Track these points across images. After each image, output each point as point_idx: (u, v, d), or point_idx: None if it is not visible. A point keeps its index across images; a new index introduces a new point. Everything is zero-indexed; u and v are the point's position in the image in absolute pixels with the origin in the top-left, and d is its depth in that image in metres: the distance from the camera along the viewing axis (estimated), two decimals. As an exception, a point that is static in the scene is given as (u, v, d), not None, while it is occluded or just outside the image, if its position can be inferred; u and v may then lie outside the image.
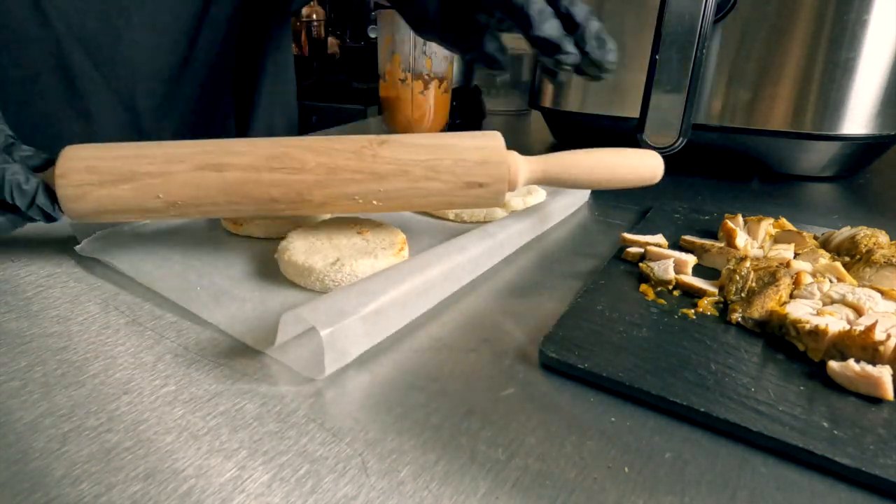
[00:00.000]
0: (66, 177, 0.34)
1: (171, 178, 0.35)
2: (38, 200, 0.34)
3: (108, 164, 0.35)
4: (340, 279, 0.34)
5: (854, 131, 0.54)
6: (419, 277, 0.32)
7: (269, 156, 0.35)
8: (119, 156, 0.35)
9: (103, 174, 0.34)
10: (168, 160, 0.35)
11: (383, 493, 0.21)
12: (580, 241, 0.45)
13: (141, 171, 0.34)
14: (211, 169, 0.35)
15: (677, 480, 0.22)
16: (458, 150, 0.36)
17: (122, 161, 0.35)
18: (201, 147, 0.36)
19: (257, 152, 0.35)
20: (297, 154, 0.35)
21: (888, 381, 0.25)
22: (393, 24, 0.71)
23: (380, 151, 0.36)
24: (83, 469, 0.22)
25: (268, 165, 0.35)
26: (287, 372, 0.28)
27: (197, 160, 0.35)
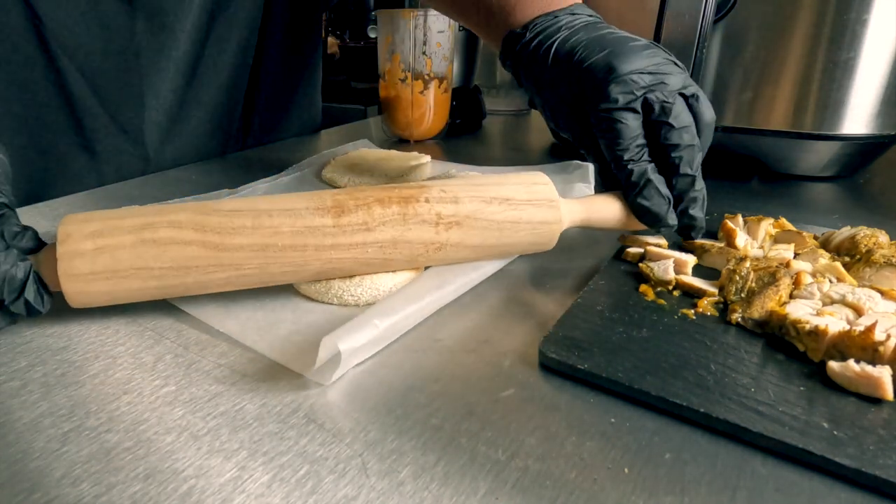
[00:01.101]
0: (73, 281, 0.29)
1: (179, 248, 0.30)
2: (27, 293, 0.29)
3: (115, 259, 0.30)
4: (360, 293, 0.34)
5: (854, 131, 0.54)
6: (434, 296, 0.33)
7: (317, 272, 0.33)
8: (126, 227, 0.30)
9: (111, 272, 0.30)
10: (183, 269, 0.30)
11: (383, 493, 0.21)
12: (580, 241, 0.45)
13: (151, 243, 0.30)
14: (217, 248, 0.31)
15: (677, 481, 0.22)
16: (521, 232, 0.36)
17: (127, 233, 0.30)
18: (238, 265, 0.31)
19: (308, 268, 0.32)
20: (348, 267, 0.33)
21: (888, 381, 0.25)
22: (393, 24, 0.71)
23: (450, 238, 0.34)
24: (83, 469, 0.22)
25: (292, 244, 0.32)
26: (287, 373, 0.28)
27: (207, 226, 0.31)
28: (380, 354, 0.30)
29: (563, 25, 0.41)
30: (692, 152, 0.37)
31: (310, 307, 0.34)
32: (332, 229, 0.32)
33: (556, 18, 0.42)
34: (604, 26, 0.41)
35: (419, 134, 0.77)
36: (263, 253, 0.31)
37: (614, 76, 0.37)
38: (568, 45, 0.40)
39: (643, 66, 0.37)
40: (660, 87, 0.37)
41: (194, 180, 0.60)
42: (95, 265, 0.29)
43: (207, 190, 0.54)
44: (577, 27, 0.41)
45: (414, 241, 0.33)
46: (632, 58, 0.37)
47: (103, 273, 0.30)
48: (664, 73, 0.37)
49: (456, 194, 0.35)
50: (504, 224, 0.35)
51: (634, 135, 0.37)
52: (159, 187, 0.58)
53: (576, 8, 0.42)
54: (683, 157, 0.37)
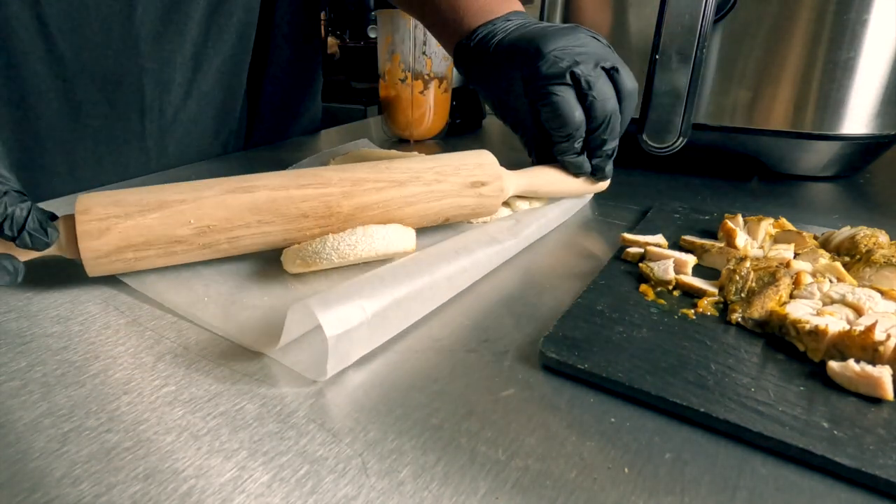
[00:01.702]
0: (89, 211, 0.33)
1: (202, 202, 0.35)
2: (30, 226, 0.32)
3: (135, 197, 0.34)
4: (355, 241, 0.35)
5: (854, 131, 0.54)
6: (425, 279, 0.33)
7: (296, 175, 0.38)
8: (143, 191, 0.35)
9: (129, 206, 0.34)
10: (196, 189, 0.35)
11: (383, 493, 0.21)
12: (580, 241, 0.45)
13: (170, 199, 0.34)
14: (241, 191, 0.36)
15: (677, 481, 0.22)
16: (457, 158, 0.42)
17: (148, 193, 0.35)
18: (227, 180, 0.37)
19: (281, 175, 0.38)
20: (321, 172, 0.38)
21: (888, 381, 0.25)
22: (393, 24, 0.71)
23: (393, 165, 0.40)
24: (83, 469, 0.22)
25: (296, 183, 0.37)
26: (287, 372, 0.28)
27: (226, 185, 0.36)
28: (379, 354, 0.30)
29: (498, 30, 0.49)
30: (607, 119, 0.44)
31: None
32: None
33: (493, 25, 0.49)
34: (532, 23, 0.48)
35: (419, 134, 0.77)
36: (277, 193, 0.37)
37: (541, 55, 0.43)
38: (504, 41, 0.47)
39: (565, 45, 0.43)
40: (583, 59, 0.43)
41: (194, 180, 0.60)
42: (113, 205, 0.33)
43: (207, 190, 0.53)
44: (510, 29, 0.48)
45: (362, 167, 0.39)
46: (555, 39, 0.44)
47: (121, 207, 0.33)
48: (585, 47, 0.44)
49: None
50: (442, 158, 0.41)
51: (572, 106, 0.44)
52: (159, 187, 0.58)
53: (511, 15, 0.50)
54: (600, 123, 0.44)
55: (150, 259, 0.35)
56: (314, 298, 0.28)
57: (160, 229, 0.34)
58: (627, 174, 0.61)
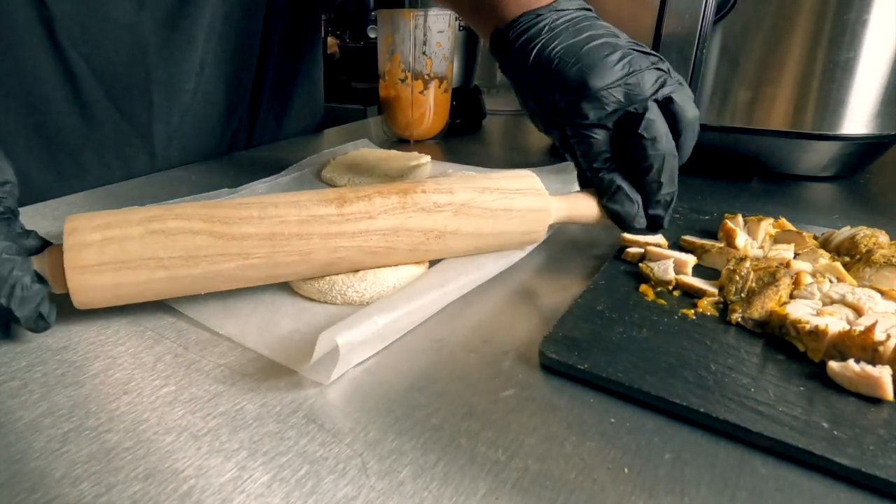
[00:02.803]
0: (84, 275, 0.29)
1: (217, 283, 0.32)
2: (43, 308, 0.29)
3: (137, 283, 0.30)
4: (364, 289, 0.34)
5: (854, 131, 0.54)
6: (437, 292, 0.33)
7: (327, 263, 0.33)
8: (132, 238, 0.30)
9: (129, 294, 0.31)
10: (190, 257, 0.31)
11: (383, 493, 0.21)
12: (580, 241, 0.45)
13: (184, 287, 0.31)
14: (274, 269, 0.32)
15: (677, 481, 0.22)
16: (514, 220, 0.37)
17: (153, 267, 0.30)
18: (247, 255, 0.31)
19: (310, 258, 0.33)
20: (357, 259, 0.34)
21: (888, 381, 0.25)
22: (393, 24, 0.71)
23: (448, 226, 0.35)
24: (83, 469, 0.22)
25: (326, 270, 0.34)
26: (287, 373, 0.28)
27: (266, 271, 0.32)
28: (380, 354, 0.30)
29: (545, 26, 0.41)
30: (661, 161, 0.38)
31: (311, 307, 0.34)
32: (336, 217, 0.33)
33: (538, 17, 0.41)
34: (587, 26, 0.40)
35: (419, 134, 0.77)
36: (270, 241, 0.31)
37: (586, 93, 0.38)
38: (546, 52, 0.40)
39: (614, 80, 0.37)
40: (632, 98, 0.37)
41: (194, 180, 0.60)
42: (104, 255, 0.29)
43: (207, 190, 0.54)
44: (558, 29, 0.40)
45: (414, 229, 0.34)
46: (604, 73, 0.37)
47: (111, 263, 0.29)
48: (636, 83, 0.37)
49: (451, 186, 0.36)
50: (497, 212, 0.36)
51: (603, 148, 0.39)
52: (159, 187, 0.58)
53: (561, 3, 0.41)
54: (654, 165, 0.38)
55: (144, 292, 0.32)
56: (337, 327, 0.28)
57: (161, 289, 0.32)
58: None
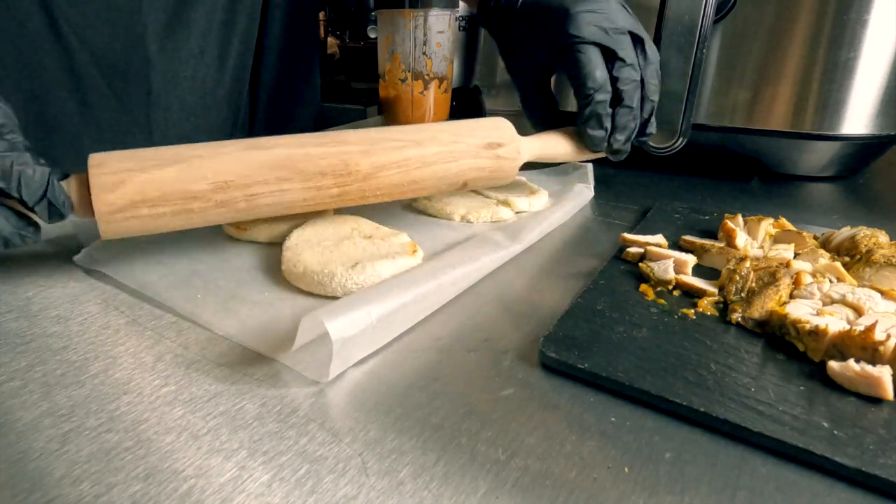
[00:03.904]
0: (104, 165, 0.32)
1: (220, 157, 0.35)
2: (50, 194, 0.31)
3: (151, 153, 0.33)
4: (363, 281, 0.34)
5: (854, 131, 0.54)
6: (431, 285, 0.33)
7: (314, 135, 0.38)
8: (159, 148, 0.34)
9: (145, 160, 0.33)
10: (214, 146, 0.35)
11: (383, 493, 0.21)
12: (580, 241, 0.45)
13: (187, 154, 0.34)
14: (259, 148, 0.36)
15: (677, 480, 0.22)
16: (473, 122, 0.42)
17: (164, 150, 0.34)
18: (244, 140, 0.37)
19: (301, 136, 0.38)
20: (340, 133, 0.38)
21: (888, 381, 0.25)
22: (393, 24, 0.70)
23: (408, 127, 0.40)
24: (83, 469, 0.22)
25: (314, 141, 0.37)
26: (287, 372, 0.28)
27: (244, 143, 0.36)
28: (379, 354, 0.30)
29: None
30: (636, 87, 0.44)
31: (311, 306, 0.34)
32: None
33: None
34: None
35: (419, 134, 0.77)
36: None
37: (570, 14, 0.43)
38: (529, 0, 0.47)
39: (594, 7, 0.43)
40: (610, 24, 0.43)
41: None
42: (128, 159, 0.33)
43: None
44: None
45: (379, 128, 0.39)
46: (584, 1, 0.44)
47: (136, 161, 0.33)
48: (613, 12, 0.44)
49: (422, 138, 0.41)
50: (458, 122, 0.42)
51: (595, 63, 0.43)
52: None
53: None
54: (628, 90, 0.44)
55: (165, 218, 0.34)
56: (324, 310, 0.28)
57: (177, 183, 0.33)
58: (627, 174, 0.61)
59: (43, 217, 0.32)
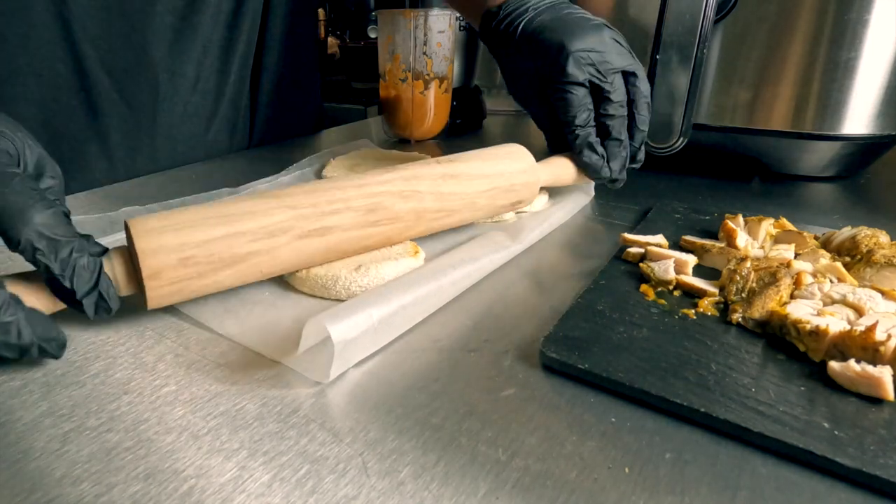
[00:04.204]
0: (160, 276, 0.29)
1: (277, 253, 0.32)
2: (102, 285, 0.28)
3: (205, 252, 0.30)
4: (367, 284, 0.35)
5: (855, 131, 0.54)
6: (432, 286, 0.33)
7: (367, 210, 0.36)
8: (211, 238, 0.30)
9: (201, 265, 0.30)
10: (270, 233, 0.32)
11: (384, 493, 0.21)
12: (581, 241, 0.45)
13: (243, 252, 0.31)
14: (315, 235, 0.34)
15: (678, 481, 0.22)
16: (509, 177, 0.43)
17: (218, 244, 0.30)
18: (295, 209, 0.33)
19: (352, 206, 0.35)
20: (389, 204, 0.37)
21: (889, 381, 0.25)
22: (393, 24, 0.70)
23: (453, 188, 0.40)
24: (84, 469, 0.22)
25: (366, 221, 0.36)
26: (288, 372, 0.28)
27: (299, 228, 0.33)
28: (380, 354, 0.30)
29: (530, 6, 0.49)
30: (623, 122, 0.46)
31: (311, 306, 0.34)
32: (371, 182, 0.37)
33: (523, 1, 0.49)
34: (565, 6, 0.48)
35: (419, 134, 0.77)
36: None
37: (565, 54, 0.44)
38: (532, 24, 0.48)
39: (591, 46, 0.44)
40: (603, 64, 0.44)
41: (194, 180, 0.60)
42: (182, 266, 0.30)
43: (208, 189, 0.54)
44: (542, 8, 0.48)
45: (426, 193, 0.38)
46: (582, 37, 0.45)
47: (193, 267, 0.30)
48: (608, 52, 0.45)
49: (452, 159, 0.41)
50: (496, 175, 0.42)
51: (582, 104, 0.45)
52: (159, 187, 0.58)
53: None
54: (615, 125, 0.46)
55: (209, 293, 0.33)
56: (327, 314, 0.28)
57: (232, 283, 0.32)
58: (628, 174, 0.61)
59: (88, 312, 0.28)
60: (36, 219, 0.27)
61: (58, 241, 0.27)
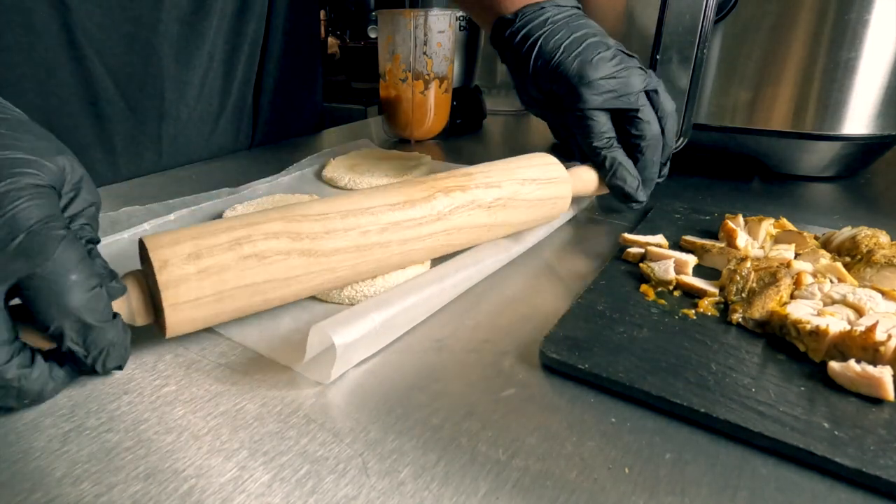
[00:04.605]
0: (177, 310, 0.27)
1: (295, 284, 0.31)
2: (122, 360, 0.27)
3: (229, 306, 0.29)
4: (374, 292, 0.35)
5: (855, 131, 0.54)
6: (434, 288, 0.33)
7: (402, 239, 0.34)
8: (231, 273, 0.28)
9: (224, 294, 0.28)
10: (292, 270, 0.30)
11: (384, 493, 0.21)
12: (581, 241, 0.45)
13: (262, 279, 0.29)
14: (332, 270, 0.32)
15: (678, 481, 0.22)
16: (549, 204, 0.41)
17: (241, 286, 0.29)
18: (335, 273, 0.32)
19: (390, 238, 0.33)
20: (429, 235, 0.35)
21: (889, 381, 0.25)
22: (393, 24, 0.70)
23: (499, 232, 0.39)
24: (84, 469, 0.22)
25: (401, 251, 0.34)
26: (288, 372, 0.28)
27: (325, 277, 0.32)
28: (380, 354, 0.30)
29: (547, 19, 0.47)
30: (658, 141, 0.45)
31: (311, 307, 0.34)
32: (409, 223, 0.34)
33: (542, 10, 0.47)
34: (583, 24, 0.47)
35: (420, 134, 0.77)
36: (355, 254, 0.32)
37: (585, 82, 0.44)
38: (549, 45, 0.46)
39: (609, 73, 0.44)
40: (625, 89, 0.44)
41: (195, 180, 0.60)
42: (202, 289, 0.27)
43: (208, 189, 0.54)
44: (559, 23, 0.47)
45: (477, 225, 0.37)
46: (600, 66, 0.44)
47: (211, 296, 0.28)
48: (627, 76, 0.44)
49: (498, 179, 0.39)
50: (534, 202, 0.40)
51: (604, 129, 0.44)
52: (160, 187, 0.58)
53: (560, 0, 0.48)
54: (650, 145, 0.45)
55: None
56: (331, 321, 0.28)
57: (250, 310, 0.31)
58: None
59: (98, 368, 0.26)
60: (72, 302, 0.23)
61: (92, 328, 0.24)
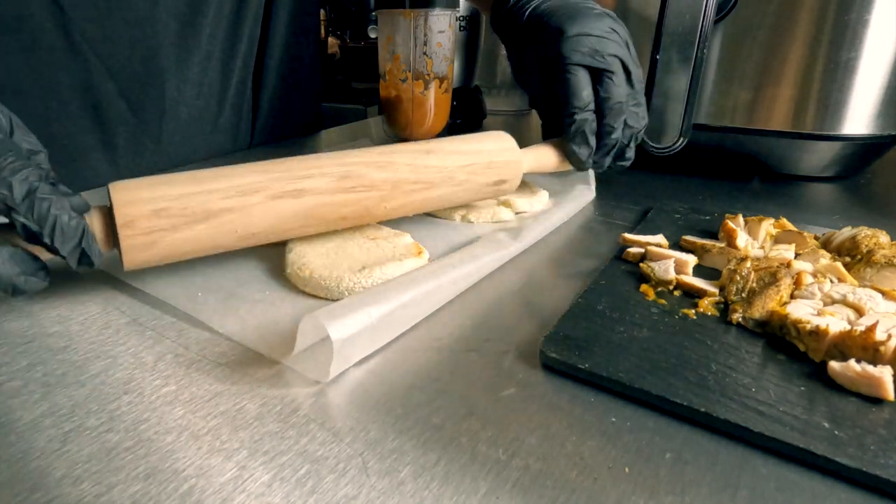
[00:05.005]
0: (133, 225, 0.30)
1: (250, 210, 0.33)
2: (84, 243, 0.29)
3: (179, 205, 0.31)
4: (371, 285, 0.34)
5: (855, 131, 0.54)
6: (431, 284, 0.33)
7: (340, 176, 0.37)
8: (185, 193, 0.32)
9: (175, 217, 0.31)
10: (243, 192, 0.33)
11: (384, 493, 0.21)
12: (581, 241, 0.45)
13: (216, 209, 0.32)
14: (288, 196, 0.35)
15: (678, 481, 0.22)
16: (488, 154, 0.43)
17: (192, 199, 0.32)
18: (269, 173, 0.35)
19: (326, 172, 0.36)
20: (364, 172, 0.38)
21: (889, 381, 0.25)
22: (393, 24, 0.70)
23: (429, 161, 0.40)
24: (84, 469, 0.22)
25: (340, 187, 0.37)
26: (288, 372, 0.28)
27: (273, 189, 0.34)
28: (380, 353, 0.30)
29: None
30: (620, 108, 0.45)
31: (311, 306, 0.34)
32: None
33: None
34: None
35: (420, 134, 0.77)
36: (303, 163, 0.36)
37: (564, 37, 0.45)
38: (539, 9, 0.49)
39: (589, 30, 0.45)
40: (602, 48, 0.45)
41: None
42: (156, 216, 0.31)
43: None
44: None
45: (402, 164, 0.39)
46: (582, 21, 0.45)
47: (166, 218, 0.31)
48: (606, 38, 0.45)
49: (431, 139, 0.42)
50: (475, 152, 0.42)
51: (582, 86, 0.45)
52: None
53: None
54: (613, 109, 0.45)
55: (190, 256, 0.34)
56: (324, 311, 0.28)
57: (207, 240, 0.33)
58: (628, 174, 0.61)
59: (71, 264, 0.29)
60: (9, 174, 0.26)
61: (34, 197, 0.26)
